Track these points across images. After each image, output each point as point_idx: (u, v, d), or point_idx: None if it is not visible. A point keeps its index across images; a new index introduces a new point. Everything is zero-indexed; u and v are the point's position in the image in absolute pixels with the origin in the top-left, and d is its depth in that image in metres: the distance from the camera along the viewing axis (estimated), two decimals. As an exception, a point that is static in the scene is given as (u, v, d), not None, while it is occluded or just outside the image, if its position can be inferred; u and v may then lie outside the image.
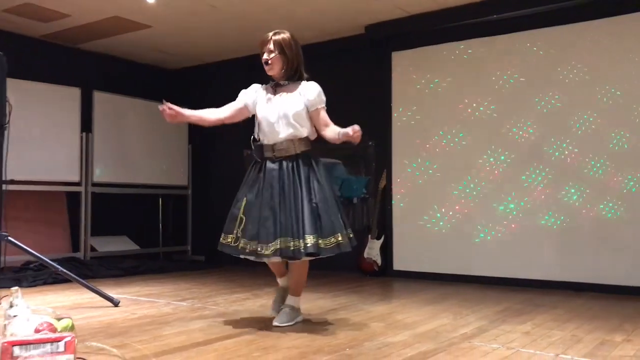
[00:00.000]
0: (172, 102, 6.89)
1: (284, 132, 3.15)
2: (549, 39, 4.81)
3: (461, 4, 4.94)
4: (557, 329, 3.08)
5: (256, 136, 3.35)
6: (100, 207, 6.16)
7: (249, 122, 7.24)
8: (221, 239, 3.22)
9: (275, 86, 3.25)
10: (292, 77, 3.20)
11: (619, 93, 4.50)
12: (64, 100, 5.79)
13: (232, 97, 7.67)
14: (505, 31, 5.00)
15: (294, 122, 3.12)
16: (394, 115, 5.55)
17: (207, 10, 5.12)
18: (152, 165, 6.59)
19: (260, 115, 3.27)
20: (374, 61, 5.74)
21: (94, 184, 6.05)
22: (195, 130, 7.09)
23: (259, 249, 2.97)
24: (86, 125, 5.98)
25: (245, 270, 5.74)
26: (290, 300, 3.23)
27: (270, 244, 2.95)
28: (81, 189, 5.96)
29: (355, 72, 5.91)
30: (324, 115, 3.18)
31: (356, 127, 2.97)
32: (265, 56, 3.18)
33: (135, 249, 6.48)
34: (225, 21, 5.42)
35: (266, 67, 3.21)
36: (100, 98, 6.12)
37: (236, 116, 3.46)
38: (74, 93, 5.88)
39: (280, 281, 3.40)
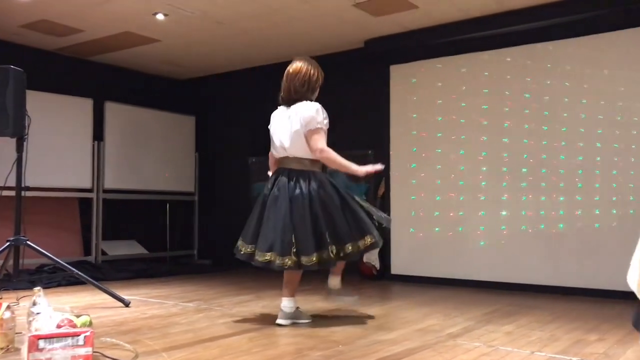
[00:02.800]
0: (179, 112, 7.14)
1: None
2: (542, 54, 5.03)
3: (456, 20, 5.18)
4: (538, 329, 3.30)
5: None
6: (111, 212, 6.43)
7: (253, 131, 7.48)
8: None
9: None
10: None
11: (607, 106, 4.71)
12: (77, 110, 6.07)
13: (237, 107, 7.96)
14: (498, 46, 5.23)
15: None
16: (392, 125, 5.78)
17: (213, 26, 5.37)
18: (160, 173, 6.85)
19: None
20: (373, 74, 5.98)
21: (105, 191, 6.31)
22: (202, 139, 7.36)
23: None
24: (98, 134, 6.26)
25: (249, 274, 5.97)
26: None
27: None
28: (93, 195, 6.22)
29: (355, 84, 6.16)
30: None
31: None
32: None
33: (143, 253, 6.74)
34: (230, 36, 5.68)
35: None
36: (111, 108, 6.39)
37: None
38: (87, 103, 6.15)
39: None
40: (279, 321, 3.35)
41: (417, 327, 3.33)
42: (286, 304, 3.39)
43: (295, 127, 3.38)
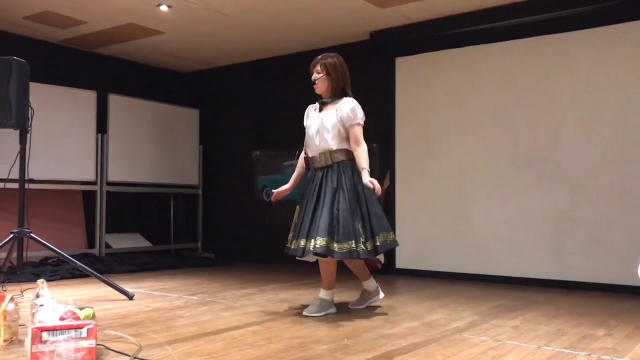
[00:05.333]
0: (183, 104, 7.15)
1: (318, 145, 3.47)
2: (547, 46, 4.98)
3: (462, 12, 5.13)
4: (545, 324, 3.27)
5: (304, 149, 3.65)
6: (115, 205, 6.41)
7: (257, 124, 7.45)
8: None
9: (321, 104, 3.58)
10: (337, 96, 3.53)
11: (612, 99, 4.67)
12: (80, 102, 6.04)
13: (241, 99, 7.92)
14: (504, 38, 5.18)
15: (326, 136, 3.44)
16: (398, 118, 5.74)
17: (217, 17, 5.33)
18: (164, 165, 6.83)
19: (306, 130, 3.63)
20: (378, 66, 5.93)
21: (109, 183, 6.29)
22: (206, 132, 7.34)
23: (292, 245, 3.43)
24: (101, 126, 6.23)
25: (253, 267, 5.96)
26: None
27: (299, 242, 3.36)
28: (96, 187, 6.20)
29: (360, 76, 6.02)
30: (354, 132, 3.43)
31: (375, 185, 3.30)
32: (313, 77, 3.55)
33: (147, 246, 6.72)
34: (234, 28, 5.64)
35: (315, 87, 3.56)
36: (115, 100, 6.36)
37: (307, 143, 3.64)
38: (90, 96, 6.13)
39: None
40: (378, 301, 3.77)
41: (423, 321, 3.31)
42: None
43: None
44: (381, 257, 5.66)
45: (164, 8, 5.09)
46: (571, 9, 4.76)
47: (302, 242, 3.31)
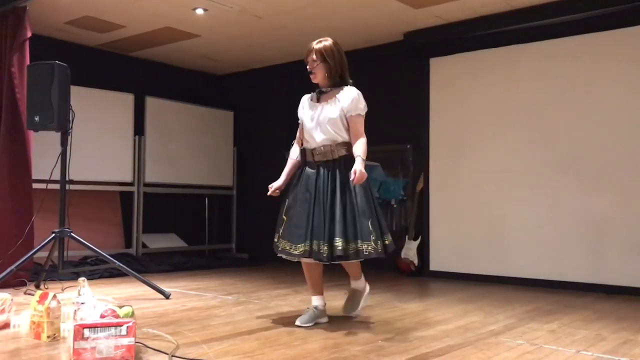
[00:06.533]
0: (218, 106, 7.23)
1: (320, 137, 3.21)
2: (584, 46, 4.89)
3: (496, 12, 5.07)
4: (583, 328, 3.21)
5: (298, 141, 3.45)
6: (151, 206, 6.52)
7: (291, 126, 7.49)
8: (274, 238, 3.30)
9: (319, 93, 3.32)
10: (336, 84, 3.25)
11: (654, 99, 4.56)
12: (118, 105, 6.17)
13: (275, 101, 7.96)
14: (539, 38, 5.10)
15: (329, 127, 3.18)
16: (432, 119, 5.70)
17: (252, 20, 5.39)
18: (200, 167, 6.92)
19: (302, 122, 3.38)
20: (412, 67, 5.91)
21: (146, 184, 6.41)
22: (240, 133, 7.41)
23: (289, 247, 3.12)
24: (139, 128, 6.35)
25: (286, 268, 5.98)
26: (354, 284, 3.46)
27: (299, 245, 3.08)
28: (134, 188, 6.32)
29: (394, 77, 6.09)
30: (354, 123, 3.18)
31: (355, 173, 2.98)
32: (309, 66, 3.25)
33: (183, 246, 6.82)
34: (269, 30, 5.69)
35: (311, 76, 3.28)
36: (151, 103, 6.48)
37: (305, 135, 3.38)
38: (128, 99, 6.25)
39: (315, 299, 3.29)
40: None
41: (458, 324, 3.28)
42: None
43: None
44: (415, 260, 5.64)
45: (199, 12, 5.17)
46: (612, 7, 4.66)
47: (325, 247, 3.02)
